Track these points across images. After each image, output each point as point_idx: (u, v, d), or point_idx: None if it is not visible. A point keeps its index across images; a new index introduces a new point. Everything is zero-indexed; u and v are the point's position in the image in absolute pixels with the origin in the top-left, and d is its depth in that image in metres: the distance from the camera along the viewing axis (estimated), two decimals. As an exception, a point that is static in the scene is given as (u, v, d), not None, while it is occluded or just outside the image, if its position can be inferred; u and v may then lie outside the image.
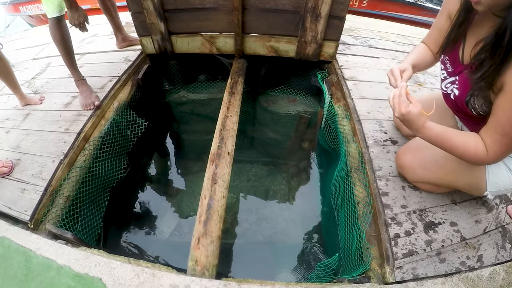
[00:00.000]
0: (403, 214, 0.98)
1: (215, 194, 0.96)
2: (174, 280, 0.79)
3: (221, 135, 1.12)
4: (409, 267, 0.87)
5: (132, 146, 1.40)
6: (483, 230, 0.96)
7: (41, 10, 3.42)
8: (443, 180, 0.93)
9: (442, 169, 0.91)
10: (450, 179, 0.91)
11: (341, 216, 1.15)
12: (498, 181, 0.83)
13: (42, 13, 3.44)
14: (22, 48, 1.96)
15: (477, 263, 0.89)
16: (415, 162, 0.97)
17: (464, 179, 0.89)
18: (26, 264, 0.88)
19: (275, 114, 1.68)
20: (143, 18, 1.43)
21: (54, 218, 1.02)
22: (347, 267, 1.03)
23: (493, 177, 0.83)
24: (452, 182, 0.92)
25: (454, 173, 0.89)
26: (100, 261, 0.84)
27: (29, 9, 3.46)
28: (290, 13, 1.37)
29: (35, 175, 1.09)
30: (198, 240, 0.87)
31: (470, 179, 0.88)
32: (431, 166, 0.93)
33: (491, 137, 0.67)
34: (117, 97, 1.40)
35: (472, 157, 0.71)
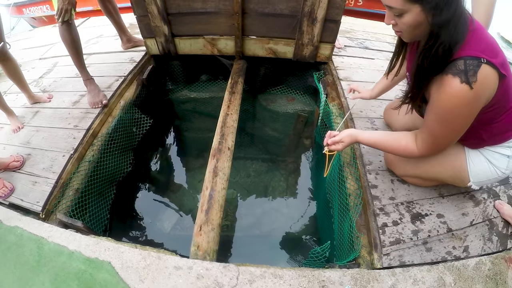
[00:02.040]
0: (391, 205, 1.04)
1: (216, 186, 1.03)
2: (178, 262, 0.86)
3: (222, 131, 1.19)
4: (396, 254, 0.92)
5: (137, 143, 1.47)
6: (469, 222, 1.00)
7: (44, 12, 3.46)
8: (428, 173, 0.99)
9: (426, 163, 0.97)
10: (434, 171, 0.97)
11: (334, 208, 1.22)
12: (479, 172, 0.88)
13: (45, 15, 3.49)
14: (28, 48, 2.02)
15: (463, 253, 0.93)
16: (400, 157, 1.03)
17: (447, 172, 0.94)
18: (38, 251, 0.94)
19: (274, 112, 1.75)
20: (147, 21, 1.50)
21: (64, 209, 1.08)
22: (339, 256, 1.10)
23: (474, 169, 0.88)
24: (437, 175, 0.98)
25: (437, 166, 0.95)
26: (109, 246, 0.91)
27: (32, 11, 3.50)
28: (287, 17, 1.45)
29: (46, 168, 1.16)
30: (200, 227, 0.94)
31: (453, 171, 0.93)
32: (415, 160, 0.99)
33: (421, 136, 0.81)
34: (123, 96, 1.47)
35: (402, 152, 0.86)
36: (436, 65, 0.67)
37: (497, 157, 0.84)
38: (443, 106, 0.70)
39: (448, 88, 0.67)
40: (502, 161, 0.84)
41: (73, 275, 0.87)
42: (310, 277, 0.86)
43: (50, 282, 0.87)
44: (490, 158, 0.86)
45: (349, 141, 0.93)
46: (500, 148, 0.84)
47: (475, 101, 0.68)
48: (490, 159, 0.86)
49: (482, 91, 0.66)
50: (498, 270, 0.89)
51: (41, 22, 3.59)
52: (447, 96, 0.68)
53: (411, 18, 0.65)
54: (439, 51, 0.65)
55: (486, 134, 0.82)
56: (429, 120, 0.77)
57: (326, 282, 0.86)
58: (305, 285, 0.84)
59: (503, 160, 0.84)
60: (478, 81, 0.64)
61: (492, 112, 0.75)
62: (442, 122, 0.73)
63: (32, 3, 3.45)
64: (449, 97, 0.67)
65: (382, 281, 0.86)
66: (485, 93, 0.68)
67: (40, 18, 3.56)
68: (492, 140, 0.83)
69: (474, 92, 0.65)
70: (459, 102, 0.67)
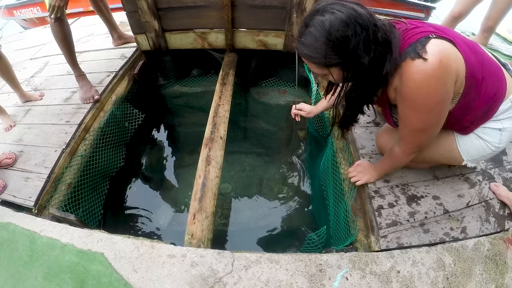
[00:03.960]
0: (386, 188, 1.04)
1: (209, 174, 1.02)
2: (171, 250, 0.85)
3: (214, 121, 1.19)
4: (393, 236, 0.92)
5: (129, 138, 1.46)
6: (466, 204, 1.00)
7: (34, 14, 3.46)
8: (424, 157, 0.95)
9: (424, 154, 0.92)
10: (425, 154, 0.93)
11: (329, 194, 1.22)
12: (470, 149, 0.86)
13: (36, 17, 3.49)
14: (19, 49, 2.01)
15: (461, 234, 0.93)
16: (391, 142, 1.01)
17: (438, 152, 0.92)
18: (30, 246, 0.93)
19: (267, 105, 1.76)
20: (137, 17, 1.50)
21: (57, 203, 1.07)
22: (337, 242, 1.10)
23: (464, 147, 0.87)
24: (429, 156, 0.95)
25: (430, 151, 0.92)
26: (102, 237, 0.90)
27: (23, 12, 3.50)
28: (277, 9, 1.46)
29: (38, 164, 1.15)
30: (193, 216, 0.93)
31: (443, 151, 0.91)
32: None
33: (400, 138, 0.82)
34: (115, 91, 1.47)
35: (397, 160, 0.89)
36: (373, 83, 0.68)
37: (488, 132, 0.81)
38: (411, 93, 0.65)
39: (406, 73, 0.63)
40: (494, 135, 0.81)
41: (66, 268, 0.86)
42: (307, 261, 0.86)
43: (43, 276, 0.86)
44: (481, 134, 0.83)
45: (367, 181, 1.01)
46: (490, 123, 0.80)
47: (440, 74, 0.61)
48: (480, 135, 0.83)
49: (445, 61, 0.61)
50: (498, 251, 0.89)
51: (32, 24, 3.59)
52: (410, 80, 0.63)
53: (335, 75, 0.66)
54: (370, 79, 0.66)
55: (471, 117, 0.79)
56: (404, 117, 0.73)
57: (323, 266, 0.85)
58: (302, 269, 0.84)
59: (495, 134, 0.81)
60: (430, 52, 0.60)
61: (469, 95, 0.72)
62: (416, 110, 0.68)
63: (22, 5, 3.46)
64: (412, 80, 0.63)
65: (381, 263, 0.86)
66: (448, 64, 0.62)
67: (31, 20, 3.56)
68: (478, 120, 0.81)
69: (432, 64, 0.60)
70: (424, 80, 0.61)
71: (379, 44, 0.60)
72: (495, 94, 0.74)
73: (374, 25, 0.59)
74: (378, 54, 0.61)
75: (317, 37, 0.58)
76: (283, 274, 0.82)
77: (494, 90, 0.74)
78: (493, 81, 0.73)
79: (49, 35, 1.48)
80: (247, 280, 0.80)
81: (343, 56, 0.59)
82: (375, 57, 0.60)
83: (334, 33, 0.57)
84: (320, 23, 0.57)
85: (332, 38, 0.57)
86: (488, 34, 1.63)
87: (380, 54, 0.61)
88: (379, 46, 0.60)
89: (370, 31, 0.58)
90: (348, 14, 0.56)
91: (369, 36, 0.58)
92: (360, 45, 0.58)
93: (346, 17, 0.56)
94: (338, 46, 0.58)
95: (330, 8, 0.57)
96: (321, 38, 0.58)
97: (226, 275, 0.80)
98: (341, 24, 0.56)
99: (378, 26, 0.60)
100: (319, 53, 0.60)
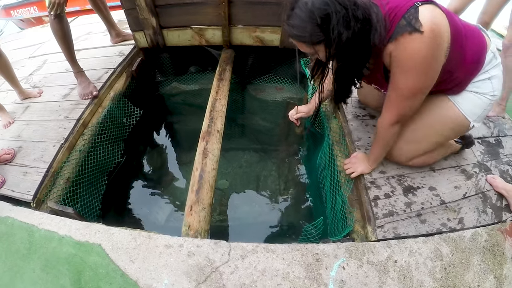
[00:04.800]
0: (382, 179, 1.04)
1: (206, 167, 1.03)
2: (168, 241, 0.85)
3: (211, 115, 1.20)
4: (390, 226, 0.92)
5: (128, 134, 1.47)
6: (462, 195, 1.00)
7: (31, 14, 3.48)
8: (430, 139, 0.94)
9: (423, 131, 0.93)
10: (435, 134, 0.92)
11: (326, 187, 1.23)
12: (472, 107, 0.86)
13: (33, 17, 3.50)
14: (18, 49, 2.02)
15: (458, 225, 0.93)
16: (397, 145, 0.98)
17: (447, 125, 0.90)
18: (29, 239, 0.93)
19: (264, 102, 1.77)
20: (135, 14, 1.52)
21: (55, 198, 1.08)
22: (334, 233, 1.10)
23: (467, 106, 0.86)
24: (438, 136, 0.93)
25: (435, 127, 0.91)
26: (100, 229, 0.91)
27: (20, 12, 3.51)
28: (273, 5, 1.47)
29: (36, 159, 1.16)
30: (190, 208, 0.94)
31: (451, 122, 0.89)
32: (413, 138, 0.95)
33: (385, 106, 0.84)
34: (113, 87, 1.48)
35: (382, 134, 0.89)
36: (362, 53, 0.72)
37: (479, 85, 0.84)
38: (408, 60, 0.70)
39: (404, 48, 0.69)
40: (486, 85, 0.83)
41: (64, 260, 0.86)
42: (303, 251, 0.86)
43: (41, 268, 0.86)
44: (474, 89, 0.85)
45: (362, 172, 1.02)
46: (478, 76, 0.83)
47: (436, 43, 0.68)
48: (474, 90, 0.85)
49: (437, 29, 0.67)
50: (495, 242, 0.89)
51: (29, 24, 3.60)
52: (408, 54, 0.69)
53: (321, 53, 0.71)
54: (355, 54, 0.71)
55: (462, 73, 0.82)
56: (396, 80, 0.76)
57: (320, 255, 0.86)
58: (299, 259, 0.84)
59: (487, 84, 0.83)
60: (424, 23, 0.66)
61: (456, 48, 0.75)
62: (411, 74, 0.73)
63: (20, 5, 3.47)
64: (411, 54, 0.69)
65: (378, 253, 0.86)
66: (441, 31, 0.68)
67: (28, 20, 3.57)
68: (469, 73, 0.83)
69: (428, 35, 0.66)
70: (423, 50, 0.67)
71: (359, 21, 0.65)
72: (478, 46, 0.79)
73: (354, 4, 0.64)
74: (358, 30, 0.65)
75: (302, 17, 0.64)
76: (279, 263, 0.82)
77: (476, 42, 0.79)
78: (473, 36, 0.79)
79: (47, 34, 1.51)
80: (243, 270, 0.80)
81: (326, 32, 0.64)
82: (355, 32, 0.65)
83: (317, 12, 0.62)
84: (303, 4, 0.63)
85: (315, 16, 0.62)
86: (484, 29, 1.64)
87: (360, 30, 0.66)
88: (359, 23, 0.65)
89: (349, 9, 0.63)
90: None
91: (348, 13, 0.63)
92: (340, 22, 0.63)
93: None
94: (321, 24, 0.63)
95: None
96: (305, 17, 0.63)
97: (222, 265, 0.81)
98: (322, 3, 0.62)
99: (357, 4, 0.65)
100: (305, 31, 0.65)
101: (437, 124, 0.91)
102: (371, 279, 0.80)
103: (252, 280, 0.78)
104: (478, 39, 0.80)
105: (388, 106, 0.84)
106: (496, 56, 0.84)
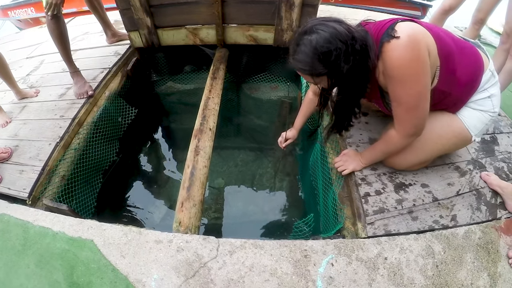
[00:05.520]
0: (373, 175, 1.04)
1: (197, 164, 1.04)
2: (158, 236, 0.87)
3: (204, 113, 1.21)
4: (380, 223, 0.92)
5: (123, 132, 1.49)
6: (456, 192, 0.99)
7: (28, 14, 3.50)
8: (433, 151, 0.96)
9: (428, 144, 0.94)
10: (439, 146, 0.94)
11: (319, 184, 1.23)
12: (476, 123, 0.89)
13: (31, 17, 3.53)
14: (15, 49, 2.05)
15: (451, 222, 0.92)
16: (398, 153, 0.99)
17: (450, 139, 0.93)
18: (24, 235, 0.95)
19: (258, 100, 1.78)
20: (130, 14, 1.54)
21: (50, 195, 1.10)
22: (326, 231, 1.10)
23: (471, 122, 0.89)
24: (440, 149, 0.96)
25: (442, 139, 0.93)
26: (92, 225, 0.92)
27: (18, 13, 3.54)
28: (266, 3, 1.48)
29: (32, 157, 1.18)
30: (181, 204, 0.95)
31: (454, 136, 0.92)
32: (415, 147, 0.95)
33: (396, 121, 0.86)
34: (108, 87, 1.50)
35: (393, 144, 0.90)
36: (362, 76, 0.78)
37: (480, 103, 0.87)
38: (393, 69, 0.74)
39: (385, 54, 0.74)
40: (487, 103, 0.87)
41: (57, 255, 0.88)
42: (291, 247, 0.87)
43: (35, 264, 0.88)
44: (477, 107, 0.88)
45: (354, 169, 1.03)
46: (478, 95, 0.86)
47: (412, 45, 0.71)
48: (477, 107, 0.88)
49: (413, 35, 0.71)
50: (489, 239, 0.89)
51: (26, 24, 3.62)
52: (390, 58, 0.74)
53: (324, 83, 0.78)
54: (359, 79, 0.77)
55: (458, 93, 0.85)
56: (395, 95, 0.80)
57: (308, 252, 0.86)
58: (287, 255, 0.85)
59: (487, 102, 0.87)
60: (400, 31, 0.72)
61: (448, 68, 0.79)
62: (404, 84, 0.76)
63: (17, 6, 3.50)
64: (391, 56, 0.73)
65: (367, 249, 0.86)
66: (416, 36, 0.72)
67: (26, 20, 3.60)
68: (466, 93, 0.86)
69: (403, 38, 0.71)
70: (401, 52, 0.71)
71: (357, 53, 0.72)
72: (474, 66, 0.82)
73: (352, 38, 0.71)
74: (357, 61, 0.73)
75: (307, 53, 0.71)
76: (267, 259, 0.83)
77: (472, 62, 0.81)
78: (469, 55, 0.81)
79: (45, 34, 1.52)
80: (231, 265, 0.81)
81: (328, 66, 0.72)
82: (354, 64, 0.73)
83: (320, 49, 0.69)
84: (308, 42, 0.71)
85: (318, 52, 0.70)
86: (479, 26, 1.63)
87: (359, 61, 0.73)
88: (357, 55, 0.72)
89: (349, 44, 0.70)
90: (330, 33, 0.69)
91: (348, 49, 0.70)
92: (341, 57, 0.70)
93: (329, 35, 0.69)
94: (324, 59, 0.71)
95: (315, 29, 0.70)
96: (310, 53, 0.71)
97: (210, 260, 0.82)
98: (325, 41, 0.69)
99: (355, 38, 0.71)
100: (310, 66, 0.73)
101: (442, 137, 0.93)
102: (360, 276, 0.81)
103: (240, 275, 0.79)
104: (474, 58, 0.82)
105: (399, 120, 0.85)
106: (494, 74, 0.86)
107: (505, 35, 1.33)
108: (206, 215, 1.57)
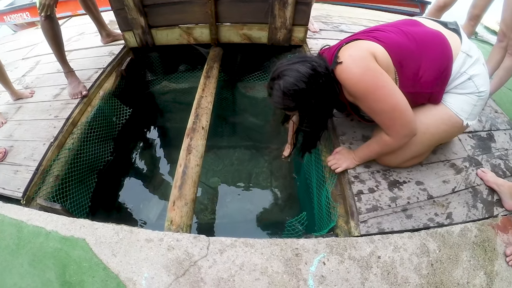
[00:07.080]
0: (366, 173, 1.03)
1: (190, 163, 1.04)
2: (149, 235, 0.87)
3: (197, 112, 1.21)
4: (374, 221, 0.91)
5: (117, 132, 1.49)
6: (451, 189, 0.98)
7: (24, 19, 3.53)
8: (424, 142, 0.93)
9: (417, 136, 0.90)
10: (431, 136, 0.92)
11: (313, 183, 1.23)
12: (462, 105, 0.87)
13: (27, 21, 3.55)
14: (11, 51, 2.06)
15: (446, 220, 0.91)
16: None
17: (440, 128, 0.90)
18: (17, 234, 0.96)
19: (254, 99, 1.78)
20: (124, 14, 1.54)
21: (45, 195, 1.10)
22: (319, 229, 1.10)
23: (456, 106, 0.87)
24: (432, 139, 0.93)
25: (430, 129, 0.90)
26: (85, 224, 0.93)
27: (13, 18, 3.57)
28: (259, 2, 1.47)
29: (27, 157, 1.18)
30: (173, 203, 0.95)
31: (443, 123, 0.89)
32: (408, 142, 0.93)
33: (386, 128, 0.89)
34: (102, 87, 1.51)
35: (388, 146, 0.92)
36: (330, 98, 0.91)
37: (463, 86, 0.86)
38: (353, 88, 0.83)
39: (339, 79, 0.85)
40: (469, 85, 0.85)
41: (50, 254, 0.88)
42: (282, 245, 0.86)
43: (28, 263, 0.89)
44: (460, 91, 0.86)
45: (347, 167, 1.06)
46: (457, 80, 0.85)
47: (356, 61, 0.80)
48: (460, 91, 0.86)
49: (354, 53, 0.81)
50: (486, 237, 0.87)
51: (23, 28, 3.65)
52: (344, 81, 0.84)
53: (296, 114, 0.99)
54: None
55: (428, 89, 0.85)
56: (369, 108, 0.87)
57: (299, 250, 0.86)
58: (278, 253, 0.85)
59: (470, 84, 0.85)
60: (342, 56, 0.82)
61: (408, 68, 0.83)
62: (370, 95, 0.82)
63: (12, 11, 3.54)
64: (344, 80, 0.83)
65: (360, 248, 0.85)
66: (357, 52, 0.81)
67: (22, 24, 3.63)
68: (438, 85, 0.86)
69: (345, 61, 0.81)
70: (350, 73, 0.81)
71: (321, 85, 0.84)
72: (440, 58, 0.82)
73: (315, 75, 0.83)
74: (323, 92, 0.86)
75: (278, 95, 0.86)
76: (258, 258, 0.83)
77: (438, 55, 0.82)
78: (433, 49, 0.82)
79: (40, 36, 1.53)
80: (222, 264, 0.81)
81: (296, 102, 0.86)
82: (320, 96, 0.86)
83: (287, 92, 0.84)
84: (278, 86, 0.85)
85: (287, 93, 0.84)
86: (475, 23, 1.61)
87: (325, 91, 0.86)
88: (322, 86, 0.85)
89: (313, 80, 0.83)
90: (294, 76, 0.82)
91: (311, 85, 0.83)
92: (307, 93, 0.84)
93: (293, 79, 0.82)
94: (292, 97, 0.85)
95: (281, 75, 0.84)
96: (280, 95, 0.85)
97: (201, 259, 0.82)
98: (291, 85, 0.83)
99: (317, 71, 0.83)
100: (282, 104, 0.88)
101: (431, 128, 0.91)
102: (353, 275, 0.80)
103: (230, 274, 0.79)
104: (440, 50, 0.82)
105: (387, 127, 0.88)
106: (471, 54, 0.83)
107: (501, 33, 1.32)
108: (201, 215, 1.57)
